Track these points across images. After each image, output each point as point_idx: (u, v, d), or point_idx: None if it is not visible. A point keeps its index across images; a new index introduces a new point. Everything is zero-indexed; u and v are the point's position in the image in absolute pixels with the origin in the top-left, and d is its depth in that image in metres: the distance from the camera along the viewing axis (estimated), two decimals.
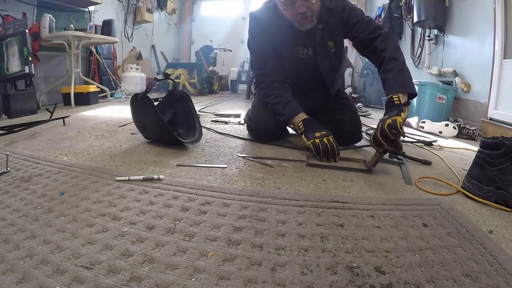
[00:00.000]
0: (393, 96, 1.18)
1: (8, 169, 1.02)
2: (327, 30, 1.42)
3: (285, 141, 1.58)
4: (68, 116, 2.02)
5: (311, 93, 1.59)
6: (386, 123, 1.08)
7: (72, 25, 2.93)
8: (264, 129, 1.53)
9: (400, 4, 3.42)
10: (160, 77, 1.51)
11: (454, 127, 2.05)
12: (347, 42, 1.89)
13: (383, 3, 3.98)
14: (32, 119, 1.99)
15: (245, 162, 1.22)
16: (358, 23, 1.38)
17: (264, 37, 1.44)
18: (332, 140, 1.25)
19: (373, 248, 0.64)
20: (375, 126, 1.40)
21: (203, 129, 1.65)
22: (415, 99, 2.56)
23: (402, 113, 1.12)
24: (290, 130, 1.72)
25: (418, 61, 3.24)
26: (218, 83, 5.08)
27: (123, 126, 1.90)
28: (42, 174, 1.00)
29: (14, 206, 0.77)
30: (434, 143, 1.71)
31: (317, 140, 1.25)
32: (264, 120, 1.51)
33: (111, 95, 3.50)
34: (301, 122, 1.35)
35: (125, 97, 3.61)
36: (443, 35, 2.79)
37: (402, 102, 1.16)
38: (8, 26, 2.40)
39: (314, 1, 1.29)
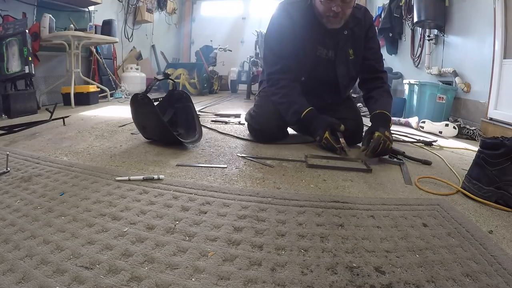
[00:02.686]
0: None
1: (8, 169, 1.02)
2: (351, 37, 1.46)
3: (285, 141, 1.58)
4: (68, 116, 2.02)
5: (323, 93, 1.59)
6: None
7: (72, 25, 2.92)
8: (265, 128, 1.53)
9: (400, 4, 3.42)
10: (160, 77, 1.51)
11: (454, 127, 2.05)
12: None
13: (383, 3, 3.98)
14: (32, 119, 1.99)
15: (245, 162, 1.22)
16: (373, 49, 1.55)
17: (287, 33, 1.45)
18: (328, 137, 1.35)
19: (373, 248, 0.64)
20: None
21: (203, 129, 1.65)
22: (415, 99, 2.60)
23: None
24: (291, 131, 1.72)
25: (418, 61, 3.24)
26: (218, 83, 5.08)
27: (123, 126, 1.90)
28: (42, 174, 1.00)
29: (14, 206, 0.77)
30: (434, 143, 1.71)
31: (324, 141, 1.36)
32: (265, 120, 1.52)
33: (111, 95, 3.50)
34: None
35: (125, 97, 3.61)
36: (443, 35, 2.79)
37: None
38: (8, 26, 2.39)
39: (350, 7, 1.34)
